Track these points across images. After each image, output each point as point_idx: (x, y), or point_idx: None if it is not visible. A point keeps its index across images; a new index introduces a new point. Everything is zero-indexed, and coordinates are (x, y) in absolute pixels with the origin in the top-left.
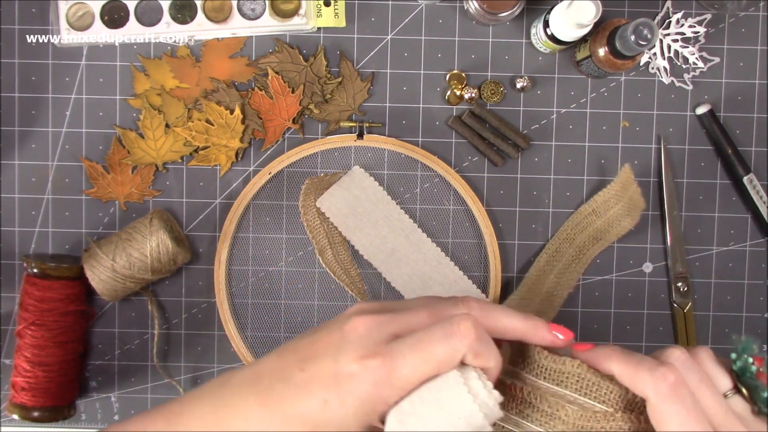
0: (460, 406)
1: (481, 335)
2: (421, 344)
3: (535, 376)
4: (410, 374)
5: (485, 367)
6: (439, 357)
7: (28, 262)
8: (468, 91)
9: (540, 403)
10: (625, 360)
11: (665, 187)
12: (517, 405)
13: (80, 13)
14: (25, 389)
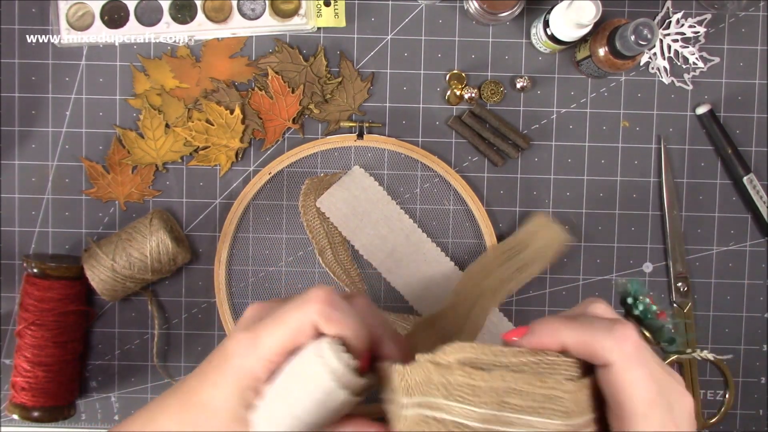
0: (312, 373)
1: (333, 301)
2: (279, 315)
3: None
4: (270, 342)
5: (340, 334)
6: (291, 323)
7: (28, 262)
8: (468, 91)
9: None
10: (576, 327)
11: (665, 187)
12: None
13: (80, 13)
14: (25, 389)
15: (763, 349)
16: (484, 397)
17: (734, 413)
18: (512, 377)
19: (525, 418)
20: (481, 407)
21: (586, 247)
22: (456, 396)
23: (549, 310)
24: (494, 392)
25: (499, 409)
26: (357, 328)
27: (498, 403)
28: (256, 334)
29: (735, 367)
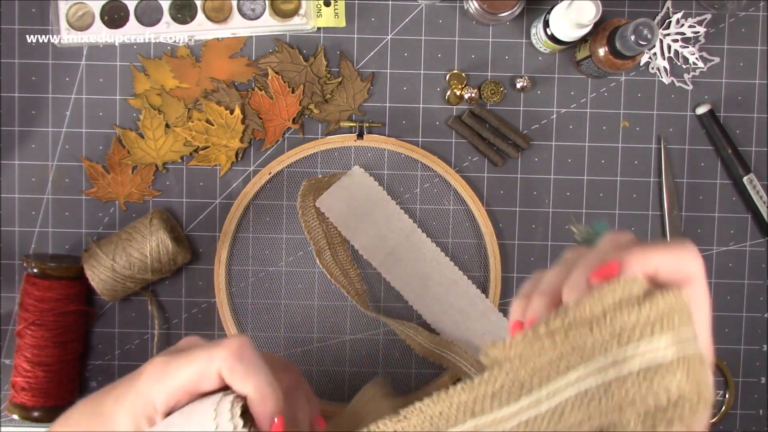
0: (200, 423)
1: (243, 355)
2: (192, 354)
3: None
4: (177, 378)
5: (241, 391)
6: (198, 366)
7: (28, 262)
8: (468, 91)
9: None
10: (662, 251)
11: (665, 187)
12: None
13: (80, 13)
14: (25, 389)
15: (763, 349)
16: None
17: (734, 413)
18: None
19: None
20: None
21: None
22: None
23: None
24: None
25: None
26: (263, 387)
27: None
28: (168, 365)
29: (735, 367)
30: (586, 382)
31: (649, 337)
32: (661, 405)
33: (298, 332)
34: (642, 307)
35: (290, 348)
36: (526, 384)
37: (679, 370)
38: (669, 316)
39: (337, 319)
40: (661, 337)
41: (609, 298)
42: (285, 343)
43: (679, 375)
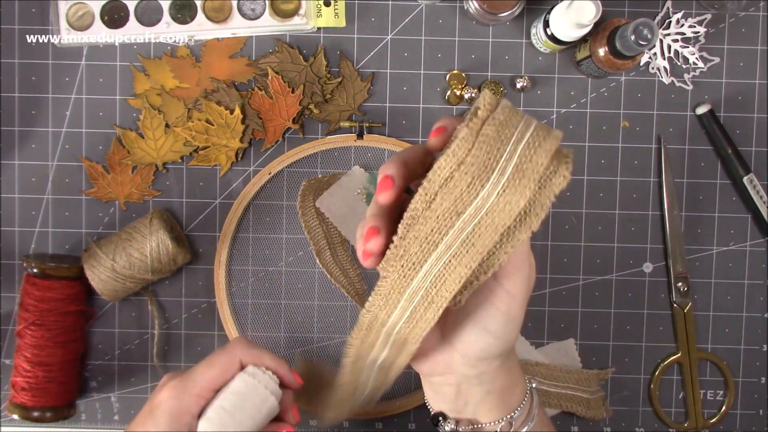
0: (249, 387)
1: (250, 344)
2: (209, 360)
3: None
4: (200, 379)
5: (263, 362)
6: (220, 362)
7: (28, 262)
8: (468, 91)
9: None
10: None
11: (665, 187)
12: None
13: (80, 13)
14: (25, 389)
15: (763, 349)
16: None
17: (734, 413)
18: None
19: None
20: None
21: (586, 247)
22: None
23: (549, 310)
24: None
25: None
26: (273, 357)
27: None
28: (186, 377)
29: (735, 367)
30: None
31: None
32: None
33: (298, 332)
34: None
35: (290, 348)
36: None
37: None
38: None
39: (337, 319)
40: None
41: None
42: (285, 343)
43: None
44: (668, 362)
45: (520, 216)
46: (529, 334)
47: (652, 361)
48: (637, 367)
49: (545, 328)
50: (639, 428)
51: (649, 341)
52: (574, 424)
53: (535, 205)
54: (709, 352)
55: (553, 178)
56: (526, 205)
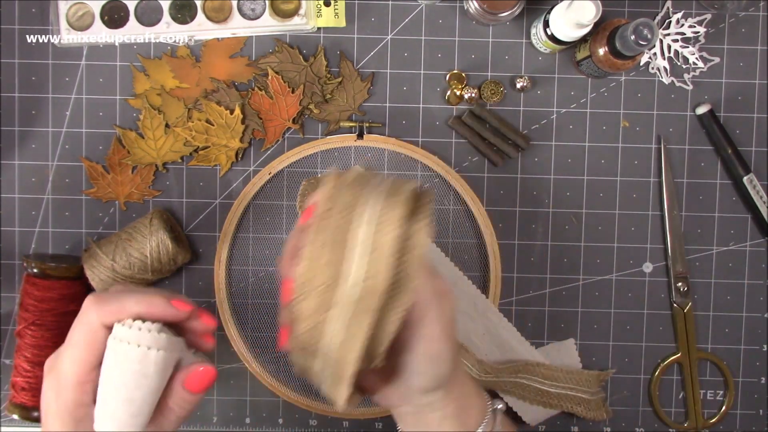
0: (115, 355)
1: (102, 300)
2: (67, 342)
3: None
4: (69, 369)
5: (127, 313)
6: (81, 339)
7: (28, 262)
8: (468, 91)
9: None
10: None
11: (665, 187)
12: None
13: (80, 13)
14: (25, 389)
15: (763, 349)
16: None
17: (734, 413)
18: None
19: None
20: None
21: (586, 247)
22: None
23: (549, 310)
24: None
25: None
26: (134, 302)
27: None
28: (55, 371)
29: (735, 367)
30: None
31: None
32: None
33: None
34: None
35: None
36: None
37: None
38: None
39: None
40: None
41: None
42: None
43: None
44: (668, 362)
45: (391, 290)
46: (529, 334)
47: (652, 361)
48: (637, 367)
49: (545, 328)
50: (639, 428)
51: (649, 341)
52: (574, 424)
53: (402, 276)
54: (709, 352)
55: (411, 244)
56: (393, 279)
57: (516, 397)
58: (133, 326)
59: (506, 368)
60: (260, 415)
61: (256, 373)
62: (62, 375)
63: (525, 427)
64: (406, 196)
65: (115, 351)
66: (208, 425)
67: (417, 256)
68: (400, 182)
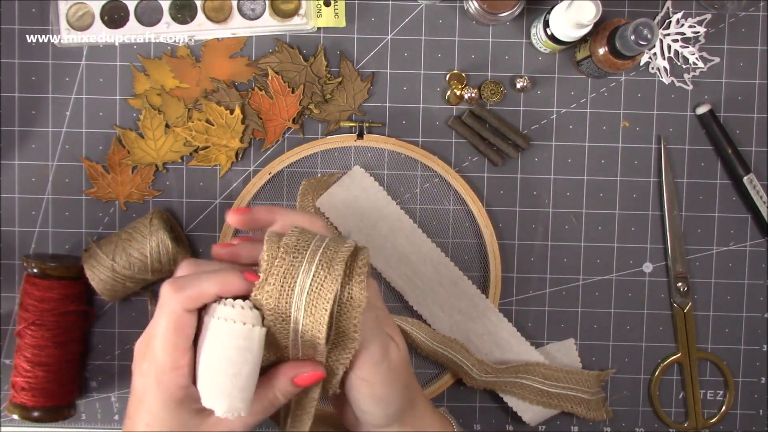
0: (221, 333)
1: (178, 285)
2: (154, 333)
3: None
4: (161, 355)
5: (208, 296)
6: (165, 327)
7: (28, 262)
8: (468, 91)
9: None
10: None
11: (665, 187)
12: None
13: (80, 13)
14: (25, 389)
15: (763, 349)
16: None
17: (734, 413)
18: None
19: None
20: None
21: (586, 247)
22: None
23: (549, 310)
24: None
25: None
26: (211, 283)
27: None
28: (146, 359)
29: (735, 367)
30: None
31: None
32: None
33: None
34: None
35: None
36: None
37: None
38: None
39: None
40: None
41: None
42: None
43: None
44: (668, 362)
45: (335, 342)
46: (529, 334)
47: (652, 361)
48: (637, 367)
49: (545, 328)
50: (639, 428)
51: (649, 341)
52: (574, 425)
53: (343, 330)
54: (709, 352)
55: (350, 303)
56: (333, 335)
57: (516, 397)
58: (236, 305)
59: (506, 368)
60: None
61: None
62: (158, 362)
63: (525, 427)
64: (342, 260)
65: (218, 330)
66: None
67: (355, 313)
68: (336, 245)
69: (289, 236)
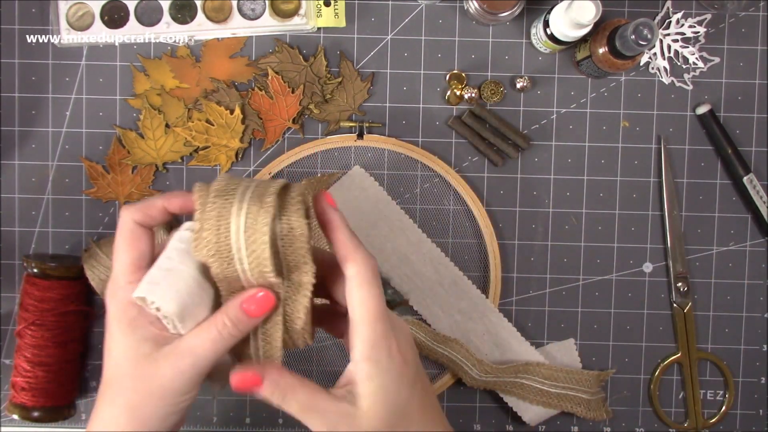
0: (174, 242)
1: (130, 204)
2: (113, 253)
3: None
4: (116, 270)
5: (154, 206)
6: (118, 243)
7: (28, 262)
8: (468, 91)
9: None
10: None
11: (665, 187)
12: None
13: (80, 13)
14: (25, 389)
15: (763, 349)
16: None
17: (734, 413)
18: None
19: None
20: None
21: (586, 247)
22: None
23: (549, 310)
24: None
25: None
26: (160, 195)
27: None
28: (110, 279)
29: (735, 367)
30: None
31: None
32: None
33: None
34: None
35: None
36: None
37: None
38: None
39: None
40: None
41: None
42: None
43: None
44: (668, 362)
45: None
46: (529, 334)
47: (652, 361)
48: (637, 367)
49: (545, 328)
50: (639, 428)
51: (649, 341)
52: (574, 425)
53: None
54: (709, 352)
55: (291, 233)
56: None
57: (516, 397)
58: (189, 225)
59: (506, 368)
60: (260, 415)
61: None
62: (113, 279)
63: (525, 427)
64: (273, 193)
65: (169, 241)
66: (208, 425)
67: (299, 243)
68: (265, 183)
69: (218, 182)
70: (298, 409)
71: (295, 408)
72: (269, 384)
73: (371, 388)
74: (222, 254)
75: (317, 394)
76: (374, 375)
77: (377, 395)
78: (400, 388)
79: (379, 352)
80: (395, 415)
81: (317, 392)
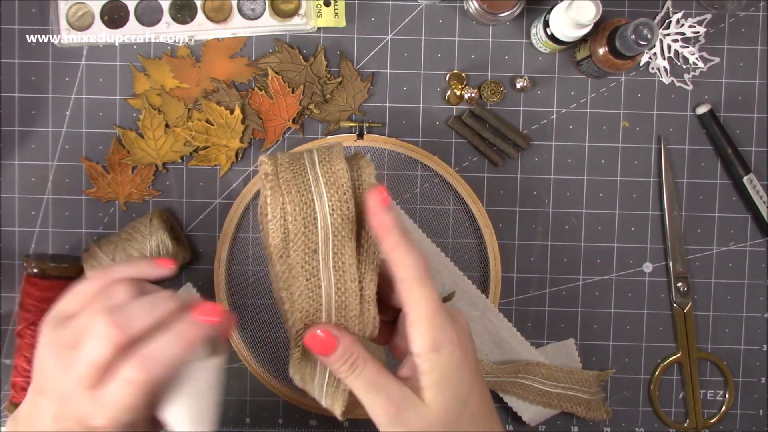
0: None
1: (112, 315)
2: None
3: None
4: (75, 365)
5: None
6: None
7: (28, 262)
8: (468, 91)
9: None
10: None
11: (665, 187)
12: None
13: (80, 13)
14: (25, 389)
15: (763, 349)
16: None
17: (734, 413)
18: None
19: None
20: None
21: (586, 247)
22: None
23: (549, 310)
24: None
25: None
26: (144, 301)
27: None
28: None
29: (735, 367)
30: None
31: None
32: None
33: None
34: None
35: (290, 348)
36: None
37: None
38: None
39: None
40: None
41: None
42: (285, 343)
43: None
44: (668, 362)
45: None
46: (529, 334)
47: (652, 361)
48: (637, 367)
49: (545, 328)
50: (639, 428)
51: (649, 341)
52: (574, 425)
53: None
54: (709, 352)
55: (362, 174)
56: (357, 212)
57: (516, 397)
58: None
59: (506, 368)
60: (260, 415)
61: (256, 373)
62: (97, 408)
63: (525, 427)
64: (339, 151)
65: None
66: None
67: (369, 183)
68: (327, 147)
69: (281, 155)
70: (364, 383)
71: (361, 382)
72: (343, 351)
73: (434, 379)
74: (303, 204)
75: (385, 373)
76: (436, 366)
77: (440, 386)
78: (461, 378)
79: (439, 344)
80: (458, 404)
81: (385, 371)
